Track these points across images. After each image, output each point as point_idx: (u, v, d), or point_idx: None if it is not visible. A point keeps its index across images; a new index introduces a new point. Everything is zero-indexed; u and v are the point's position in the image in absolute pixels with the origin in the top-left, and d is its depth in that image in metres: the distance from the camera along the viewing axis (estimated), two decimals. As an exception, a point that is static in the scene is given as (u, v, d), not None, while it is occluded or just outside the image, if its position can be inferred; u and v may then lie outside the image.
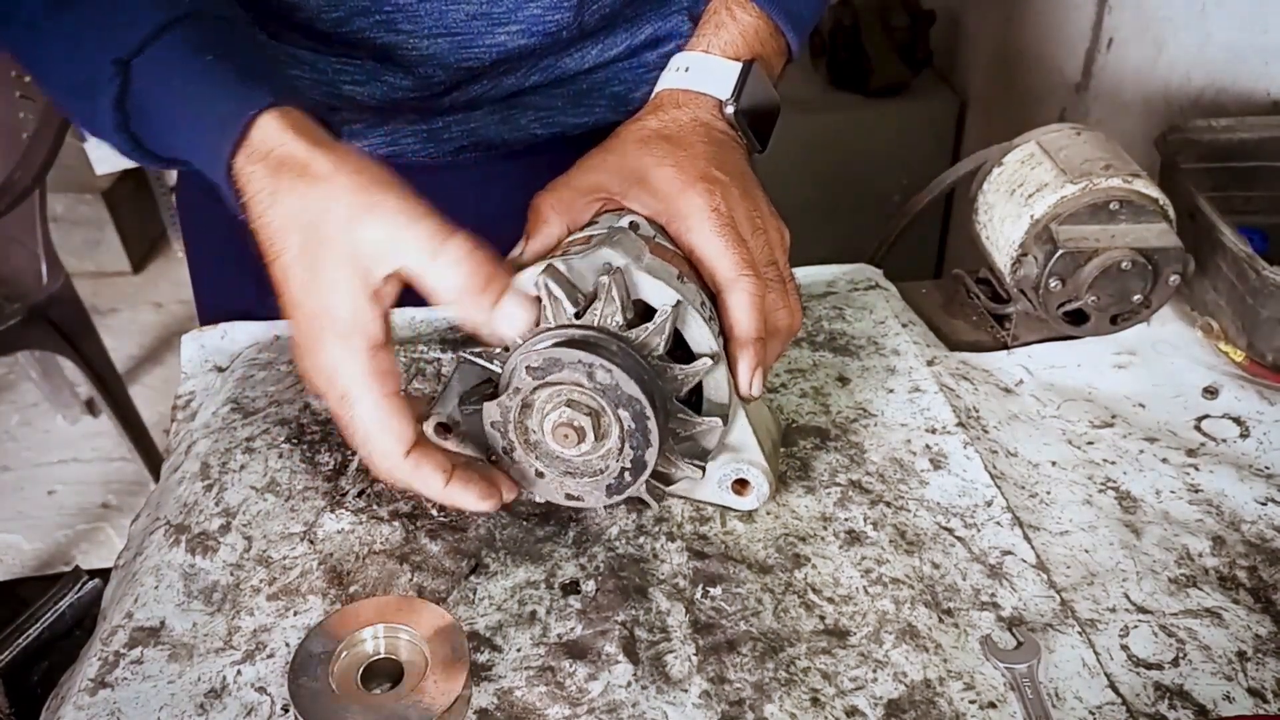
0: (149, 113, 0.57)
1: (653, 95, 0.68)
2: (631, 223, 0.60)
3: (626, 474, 0.57)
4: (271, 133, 0.53)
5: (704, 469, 0.60)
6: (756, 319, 0.59)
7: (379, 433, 0.54)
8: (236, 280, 0.83)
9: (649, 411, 0.54)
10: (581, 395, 0.55)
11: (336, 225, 0.51)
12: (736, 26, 0.68)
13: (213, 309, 0.85)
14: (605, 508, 0.63)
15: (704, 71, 0.66)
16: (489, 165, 0.84)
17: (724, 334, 0.59)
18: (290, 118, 0.53)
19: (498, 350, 0.57)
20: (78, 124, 0.60)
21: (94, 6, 0.57)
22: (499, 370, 0.57)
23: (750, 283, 0.58)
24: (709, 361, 0.56)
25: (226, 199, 0.55)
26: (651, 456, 0.56)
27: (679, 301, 0.56)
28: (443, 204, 0.56)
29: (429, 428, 0.61)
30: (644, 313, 0.57)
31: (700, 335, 0.57)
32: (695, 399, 0.59)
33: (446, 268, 0.52)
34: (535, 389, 0.56)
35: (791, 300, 0.62)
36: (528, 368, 0.55)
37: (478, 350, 0.57)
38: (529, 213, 0.62)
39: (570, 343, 0.54)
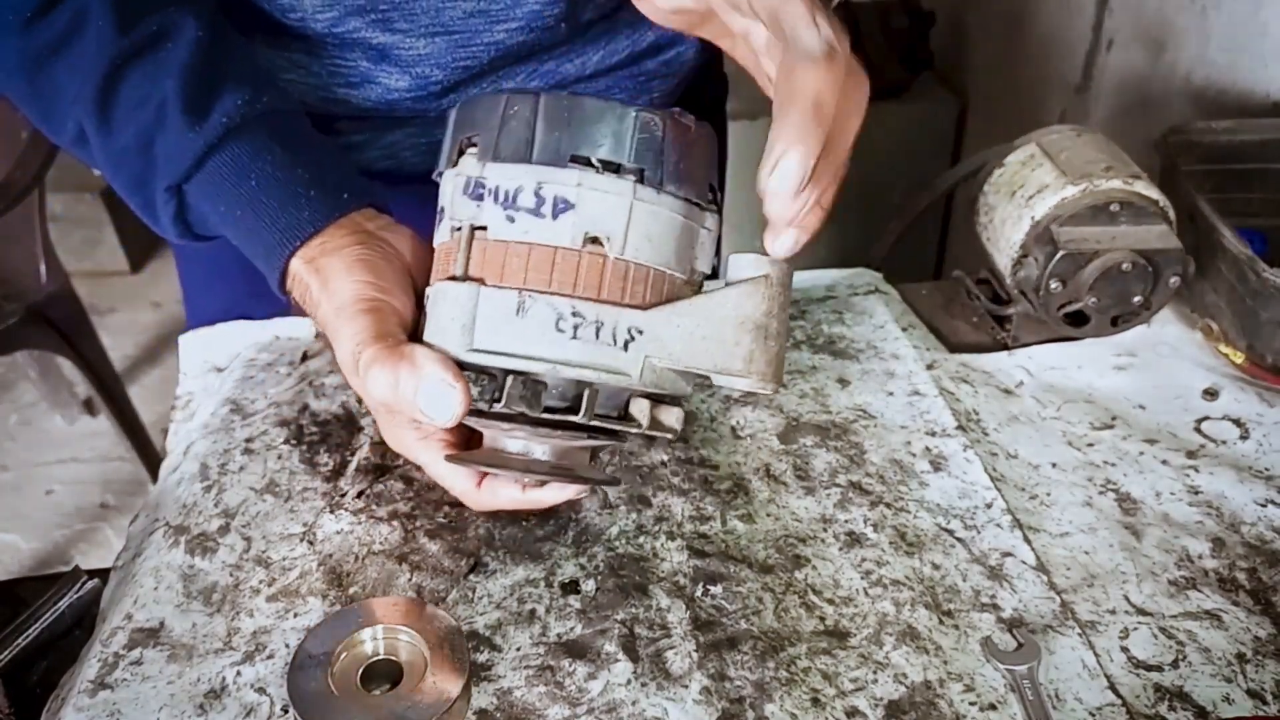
0: (210, 226, 0.63)
1: None
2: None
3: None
4: (298, 269, 0.59)
5: (677, 430, 0.56)
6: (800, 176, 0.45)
7: (452, 482, 0.59)
8: (228, 288, 0.83)
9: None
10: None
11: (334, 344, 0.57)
12: None
13: (203, 316, 0.85)
14: (604, 508, 0.63)
15: None
16: None
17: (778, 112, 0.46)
18: (309, 259, 0.58)
19: None
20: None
21: (138, 128, 0.59)
22: None
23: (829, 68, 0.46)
24: (641, 426, 0.53)
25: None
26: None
27: (591, 387, 0.51)
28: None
29: None
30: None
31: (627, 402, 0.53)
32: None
33: (366, 381, 0.53)
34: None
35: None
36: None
37: None
38: None
39: (498, 448, 0.56)
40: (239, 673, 0.54)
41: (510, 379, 0.50)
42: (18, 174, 1.59)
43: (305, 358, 0.77)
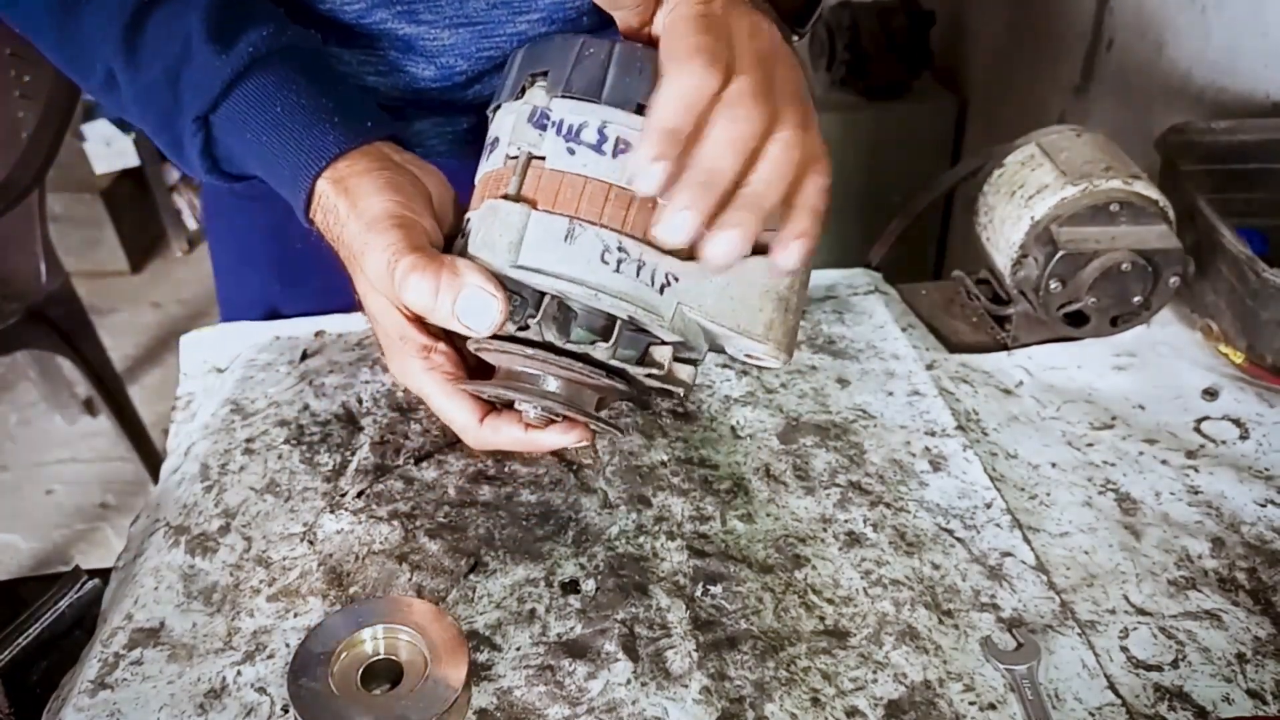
0: (234, 158, 0.63)
1: None
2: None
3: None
4: (324, 189, 0.59)
5: (690, 385, 0.58)
6: (680, 103, 0.48)
7: (453, 415, 0.60)
8: (260, 278, 0.84)
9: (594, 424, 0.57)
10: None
11: (358, 268, 0.57)
12: None
13: (236, 306, 0.87)
14: (604, 508, 0.63)
15: None
16: None
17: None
18: (337, 179, 0.58)
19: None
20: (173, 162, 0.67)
21: (165, 63, 0.61)
22: None
23: (697, 67, 0.48)
24: (660, 370, 0.55)
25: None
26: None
27: (620, 322, 0.53)
28: (466, 192, 0.59)
29: None
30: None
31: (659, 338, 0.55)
32: None
33: (404, 288, 0.53)
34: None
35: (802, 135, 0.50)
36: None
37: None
38: None
39: (512, 376, 0.57)
40: (239, 673, 0.54)
41: (547, 299, 0.52)
42: (18, 174, 1.59)
43: (305, 357, 0.77)
